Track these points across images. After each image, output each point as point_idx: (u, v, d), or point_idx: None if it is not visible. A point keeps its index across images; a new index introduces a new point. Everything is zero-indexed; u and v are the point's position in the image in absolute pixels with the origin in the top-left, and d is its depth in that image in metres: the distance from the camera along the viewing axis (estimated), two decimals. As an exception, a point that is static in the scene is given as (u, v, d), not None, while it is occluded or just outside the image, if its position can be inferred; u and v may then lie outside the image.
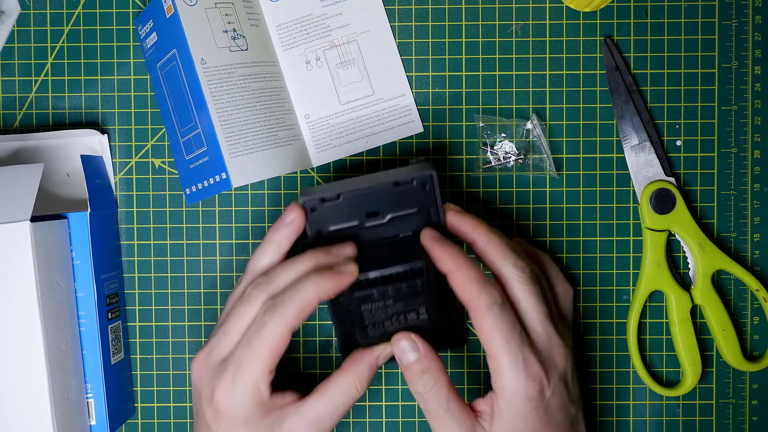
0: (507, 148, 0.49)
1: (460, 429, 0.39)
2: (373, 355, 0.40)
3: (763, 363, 0.48)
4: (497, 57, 0.49)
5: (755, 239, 0.49)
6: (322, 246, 0.40)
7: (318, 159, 0.49)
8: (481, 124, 0.49)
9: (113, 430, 0.47)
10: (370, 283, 0.39)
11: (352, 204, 0.40)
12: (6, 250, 0.42)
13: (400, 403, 0.50)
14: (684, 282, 0.49)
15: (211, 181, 0.46)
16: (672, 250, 0.49)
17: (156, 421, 0.50)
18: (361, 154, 0.50)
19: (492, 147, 0.49)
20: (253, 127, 0.46)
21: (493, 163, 0.49)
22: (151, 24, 0.47)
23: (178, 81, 0.46)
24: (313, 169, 0.50)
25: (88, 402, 0.46)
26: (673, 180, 0.48)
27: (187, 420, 0.50)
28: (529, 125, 0.49)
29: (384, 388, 0.50)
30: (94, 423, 0.46)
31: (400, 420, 0.50)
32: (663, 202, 0.48)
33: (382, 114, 0.49)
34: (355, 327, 0.40)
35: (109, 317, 0.47)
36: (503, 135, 0.49)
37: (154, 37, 0.47)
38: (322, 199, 0.40)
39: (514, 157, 0.49)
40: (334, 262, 0.39)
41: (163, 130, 0.50)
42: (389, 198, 0.40)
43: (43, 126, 0.50)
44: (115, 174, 0.50)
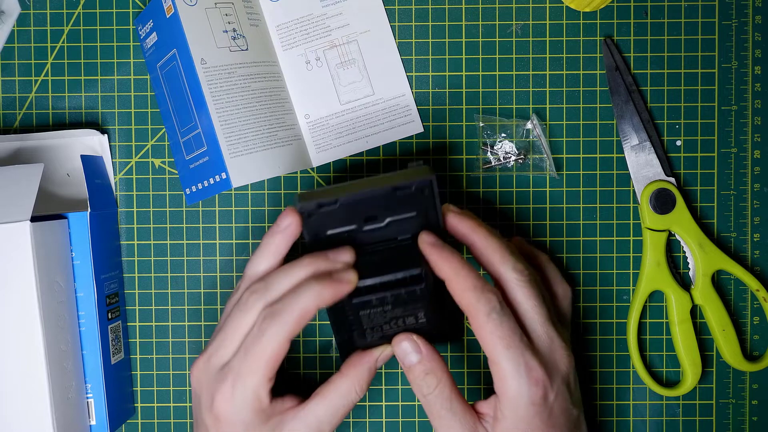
0: (507, 148, 0.49)
1: (462, 429, 0.38)
2: (372, 358, 0.40)
3: (763, 363, 0.48)
4: (497, 57, 0.49)
5: (755, 239, 0.49)
6: (320, 249, 0.40)
7: (318, 159, 0.49)
8: (481, 124, 0.49)
9: (113, 430, 0.47)
10: (369, 290, 0.38)
11: (351, 209, 0.39)
12: (6, 250, 0.42)
13: (400, 403, 0.50)
14: (684, 282, 0.49)
15: (211, 181, 0.46)
16: (672, 250, 0.49)
17: (156, 421, 0.50)
18: (361, 154, 0.50)
19: (492, 147, 0.49)
20: (253, 127, 0.46)
21: (493, 163, 0.49)
22: (151, 24, 0.47)
23: (178, 81, 0.46)
24: (313, 169, 0.50)
25: (88, 402, 0.46)
26: (673, 180, 0.48)
27: (187, 420, 0.50)
28: (529, 125, 0.49)
29: (384, 388, 0.50)
30: (94, 423, 0.46)
31: (400, 420, 0.50)
32: (663, 202, 0.48)
33: (382, 114, 0.49)
34: (354, 330, 0.40)
35: (109, 317, 0.47)
36: (503, 135, 0.49)
37: (154, 37, 0.47)
38: (320, 205, 0.38)
39: (514, 157, 0.49)
40: (333, 269, 0.38)
41: (163, 130, 0.50)
42: (388, 203, 0.39)
43: (43, 126, 0.50)
44: (115, 174, 0.50)
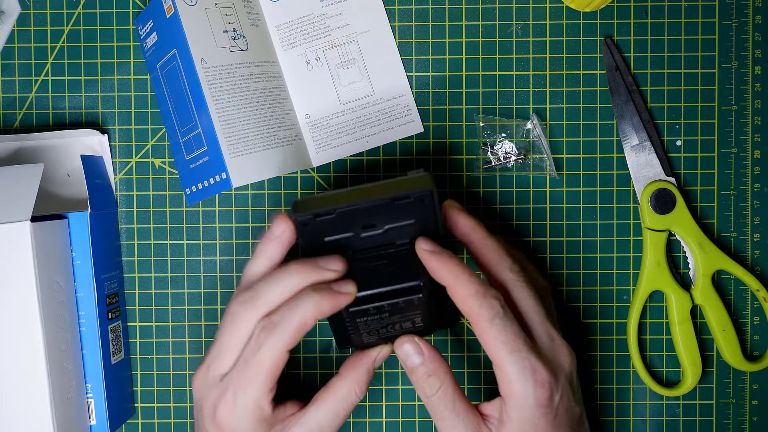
0: (507, 148, 0.49)
1: (466, 430, 0.38)
2: (370, 359, 0.40)
3: (763, 363, 0.48)
4: (497, 57, 0.49)
5: (755, 239, 0.49)
6: (317, 255, 0.39)
7: (318, 159, 0.49)
8: (481, 124, 0.49)
9: (113, 430, 0.47)
10: (367, 300, 0.38)
11: (348, 218, 0.38)
12: (6, 250, 0.42)
13: (400, 403, 0.50)
14: (684, 282, 0.49)
15: (211, 181, 0.46)
16: (672, 250, 0.49)
17: (156, 421, 0.50)
18: (361, 154, 0.50)
19: (492, 147, 0.49)
20: (253, 127, 0.46)
21: (493, 163, 0.49)
22: (151, 24, 0.47)
23: (178, 81, 0.46)
24: (313, 169, 0.50)
25: (88, 402, 0.46)
26: (673, 180, 0.48)
27: (187, 420, 0.50)
28: (529, 125, 0.49)
29: (384, 388, 0.50)
30: (94, 423, 0.46)
31: (400, 420, 0.50)
32: (663, 202, 0.48)
33: (382, 114, 0.49)
34: (351, 334, 0.40)
35: (109, 317, 0.47)
36: (503, 135, 0.49)
37: (154, 37, 0.47)
38: (317, 215, 0.37)
39: (514, 157, 0.49)
40: (323, 279, 0.38)
41: (163, 130, 0.50)
42: (386, 213, 0.38)
43: (43, 126, 0.50)
44: (115, 174, 0.50)
